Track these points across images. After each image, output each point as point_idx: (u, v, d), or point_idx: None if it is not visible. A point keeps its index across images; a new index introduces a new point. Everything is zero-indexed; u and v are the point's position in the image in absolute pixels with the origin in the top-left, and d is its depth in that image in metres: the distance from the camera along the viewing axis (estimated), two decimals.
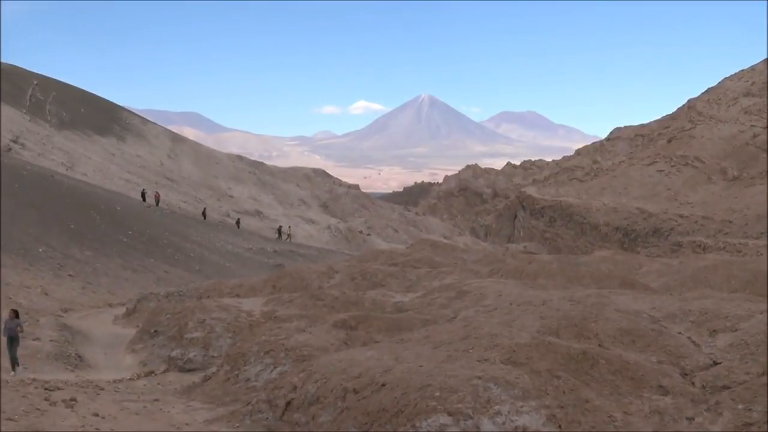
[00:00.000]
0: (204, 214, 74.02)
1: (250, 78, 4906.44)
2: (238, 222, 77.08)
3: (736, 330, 13.53)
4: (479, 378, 10.40)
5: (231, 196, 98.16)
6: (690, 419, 10.31)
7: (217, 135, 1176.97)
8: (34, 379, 16.20)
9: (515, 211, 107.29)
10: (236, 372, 15.78)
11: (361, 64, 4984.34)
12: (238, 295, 29.10)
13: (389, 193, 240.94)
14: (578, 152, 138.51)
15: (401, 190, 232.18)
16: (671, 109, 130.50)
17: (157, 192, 73.01)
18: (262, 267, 53.91)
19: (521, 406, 9.81)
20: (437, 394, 10.06)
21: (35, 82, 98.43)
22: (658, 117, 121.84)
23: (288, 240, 76.43)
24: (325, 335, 17.02)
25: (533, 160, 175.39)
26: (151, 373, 20.16)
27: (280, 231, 78.96)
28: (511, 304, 18.32)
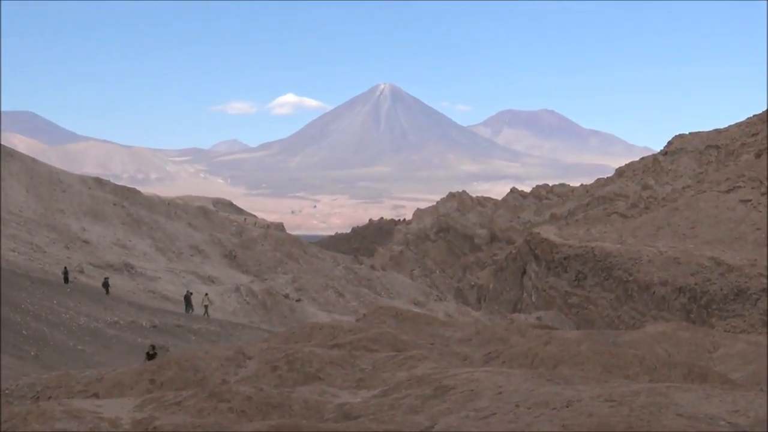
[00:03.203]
0: (65, 275, 72.74)
1: (114, 64, 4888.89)
2: (106, 283, 75.10)
3: None
4: None
5: (85, 242, 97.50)
6: None
7: (65, 146, 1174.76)
8: None
9: (524, 263, 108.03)
10: None
11: (288, 41, 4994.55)
12: (96, 395, 28.87)
13: (330, 237, 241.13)
14: (620, 172, 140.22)
15: (349, 231, 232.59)
16: (760, 107, 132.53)
17: None
18: (133, 351, 53.49)
19: None
20: None
21: None
22: (741, 119, 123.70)
23: (205, 315, 74.85)
24: None
25: (551, 184, 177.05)
26: None
27: (189, 300, 76.71)
28: (518, 406, 18.40)
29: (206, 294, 78.30)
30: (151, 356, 41.38)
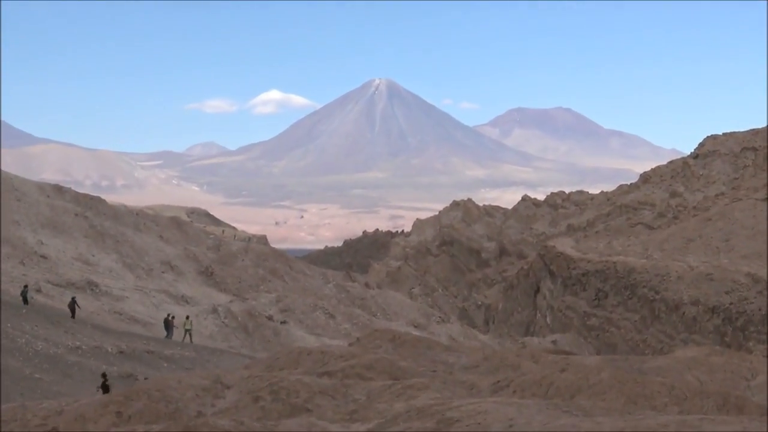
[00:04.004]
0: (24, 295, 72.12)
1: (75, 58, 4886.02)
2: (72, 304, 74.37)
3: None
4: None
5: (43, 257, 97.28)
6: None
7: (20, 150, 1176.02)
8: None
9: (538, 280, 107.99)
10: None
11: (272, 32, 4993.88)
12: (55, 429, 28.80)
13: (319, 251, 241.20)
14: (645, 178, 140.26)
15: (340, 244, 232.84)
16: None
17: None
18: (97, 379, 53.27)
19: None
20: None
21: None
22: None
23: (188, 339, 74.44)
24: None
25: (567, 191, 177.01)
26: None
27: (169, 324, 76.19)
28: None
29: (187, 317, 77.45)
30: (105, 387, 41.34)
